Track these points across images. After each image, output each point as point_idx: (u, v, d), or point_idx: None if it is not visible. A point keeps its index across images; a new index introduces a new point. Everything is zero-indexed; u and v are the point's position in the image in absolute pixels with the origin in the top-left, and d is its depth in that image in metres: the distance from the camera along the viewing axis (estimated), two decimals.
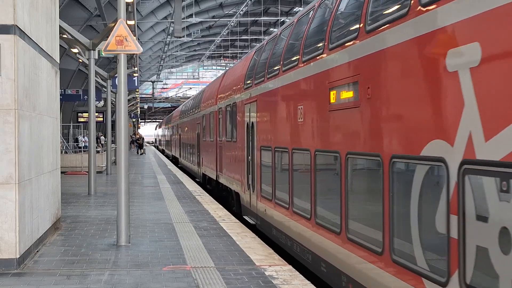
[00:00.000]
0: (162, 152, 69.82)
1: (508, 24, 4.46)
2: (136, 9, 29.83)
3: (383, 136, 6.80)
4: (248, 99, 14.47)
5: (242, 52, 68.46)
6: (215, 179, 20.91)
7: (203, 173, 25.66)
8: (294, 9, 56.54)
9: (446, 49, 5.30)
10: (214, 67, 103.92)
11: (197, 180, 27.93)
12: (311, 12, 10.28)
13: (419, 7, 5.82)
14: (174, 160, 47.18)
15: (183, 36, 49.35)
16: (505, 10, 4.49)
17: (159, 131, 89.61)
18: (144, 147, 60.82)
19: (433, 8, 5.56)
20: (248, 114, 14.49)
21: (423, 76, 5.84)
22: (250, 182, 14.25)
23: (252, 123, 13.94)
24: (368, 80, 7.14)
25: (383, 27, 6.68)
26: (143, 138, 62.65)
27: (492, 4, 4.65)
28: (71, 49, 23.34)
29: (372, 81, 7.03)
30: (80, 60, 26.05)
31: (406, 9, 6.09)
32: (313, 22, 9.98)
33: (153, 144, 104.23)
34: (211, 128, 22.28)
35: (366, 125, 7.29)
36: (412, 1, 5.99)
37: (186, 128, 35.32)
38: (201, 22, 59.49)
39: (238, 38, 65.84)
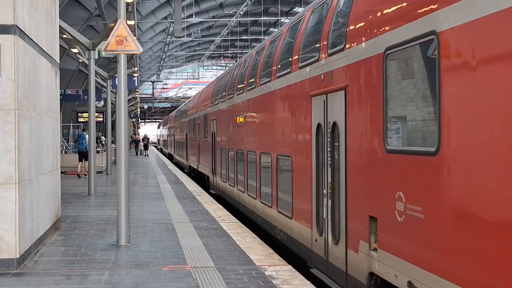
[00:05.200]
0: (170, 157, 53.27)
1: None
2: (136, 9, 29.83)
3: None
4: None
5: (242, 52, 68.43)
6: None
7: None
8: (294, 9, 56.59)
9: None
10: (214, 67, 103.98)
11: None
12: None
13: None
14: (194, 174, 30.12)
15: (183, 36, 49.39)
16: None
17: (164, 131, 72.03)
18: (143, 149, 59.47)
19: None
20: None
21: None
22: None
23: None
24: None
25: None
26: (148, 139, 61.33)
27: None
28: (71, 49, 23.33)
29: None
30: (80, 60, 26.04)
31: None
32: None
33: (153, 144, 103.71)
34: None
35: None
36: None
37: (249, 119, 15.39)
38: (201, 22, 59.51)
39: (238, 38, 65.87)
